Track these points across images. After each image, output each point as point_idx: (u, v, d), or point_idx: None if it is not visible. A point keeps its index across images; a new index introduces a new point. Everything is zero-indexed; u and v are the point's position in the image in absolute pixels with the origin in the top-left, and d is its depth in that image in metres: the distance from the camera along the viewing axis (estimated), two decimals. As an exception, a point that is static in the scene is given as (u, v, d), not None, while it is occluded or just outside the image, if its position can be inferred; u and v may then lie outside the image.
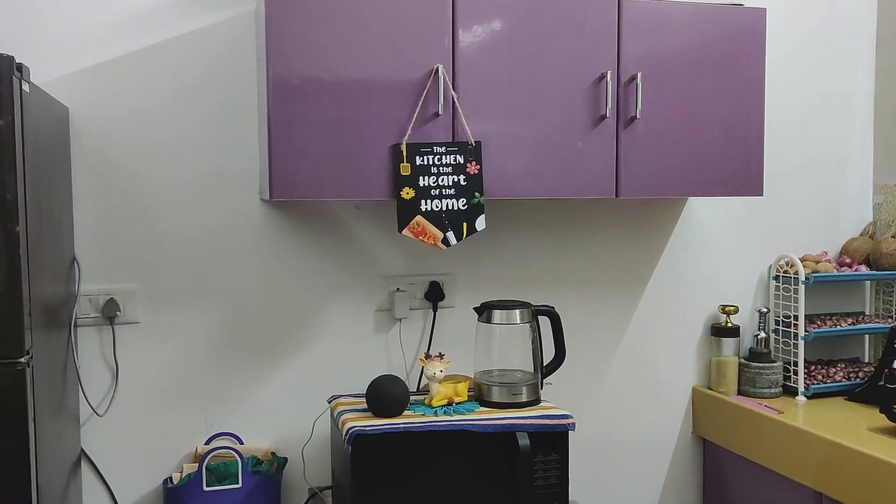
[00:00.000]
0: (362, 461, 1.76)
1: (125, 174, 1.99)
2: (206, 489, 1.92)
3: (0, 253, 1.38)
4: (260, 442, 2.11)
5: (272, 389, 2.11)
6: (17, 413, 1.40)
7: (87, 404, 1.97)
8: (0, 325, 1.39)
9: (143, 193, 2.00)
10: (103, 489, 2.01)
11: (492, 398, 1.93)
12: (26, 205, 1.44)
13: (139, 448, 2.03)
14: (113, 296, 1.99)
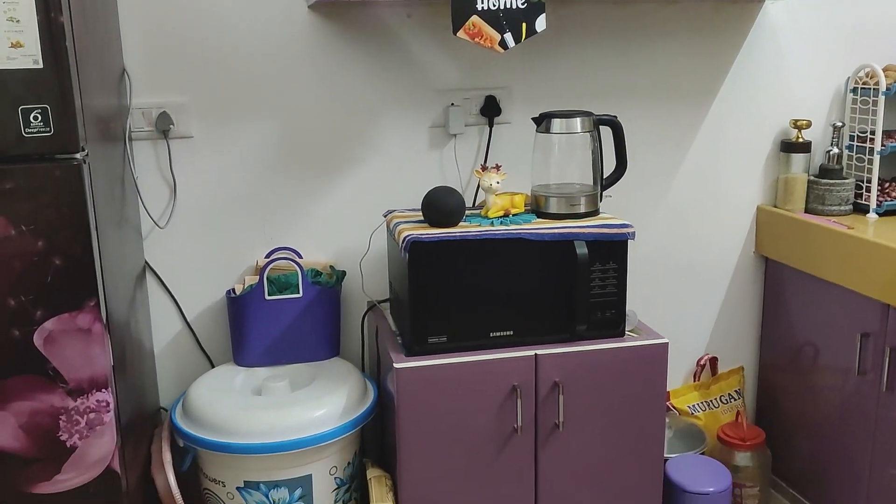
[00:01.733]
0: (419, 269, 1.76)
1: (168, -18, 1.91)
2: (268, 298, 1.97)
3: (44, 42, 1.34)
4: (318, 256, 2.14)
5: (328, 204, 2.11)
6: (78, 208, 1.41)
7: (148, 216, 2.00)
8: (54, 121, 1.37)
9: (190, 3, 1.93)
10: (169, 300, 2.07)
11: (549, 209, 1.89)
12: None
13: (201, 261, 2.07)
14: (165, 109, 1.96)
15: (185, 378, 2.11)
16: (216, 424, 1.78)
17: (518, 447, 1.83)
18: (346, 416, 1.84)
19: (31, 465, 1.48)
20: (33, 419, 1.46)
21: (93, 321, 1.45)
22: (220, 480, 1.82)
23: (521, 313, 1.82)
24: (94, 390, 1.48)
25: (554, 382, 1.81)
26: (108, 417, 1.49)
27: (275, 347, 2.01)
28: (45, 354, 1.44)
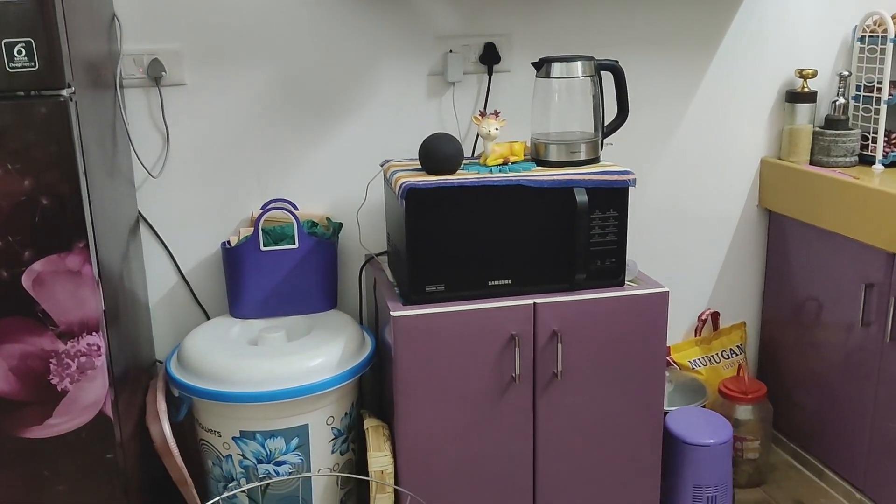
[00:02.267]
0: (416, 217, 1.72)
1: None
2: (264, 249, 1.94)
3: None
4: (314, 208, 2.11)
5: (324, 155, 2.07)
6: (64, 147, 1.38)
7: (141, 165, 1.97)
8: (39, 55, 1.34)
9: (179, -56, 1.89)
10: (163, 252, 2.05)
11: (549, 157, 1.85)
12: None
13: (195, 212, 2.04)
14: (157, 56, 1.92)
15: (180, 331, 2.09)
16: (211, 373, 1.76)
17: (516, 396, 1.81)
18: (344, 366, 1.82)
19: (22, 408, 1.46)
20: (24, 362, 1.44)
21: (82, 263, 1.42)
22: (216, 431, 1.81)
23: (519, 263, 1.79)
24: (85, 333, 1.46)
25: (553, 332, 1.79)
26: (99, 362, 1.47)
27: (271, 299, 1.99)
28: (34, 296, 1.42)
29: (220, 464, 1.83)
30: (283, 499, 1.83)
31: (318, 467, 1.84)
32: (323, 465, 1.85)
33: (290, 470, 1.81)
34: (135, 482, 1.65)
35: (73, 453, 1.50)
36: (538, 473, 1.86)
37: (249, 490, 1.81)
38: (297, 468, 1.82)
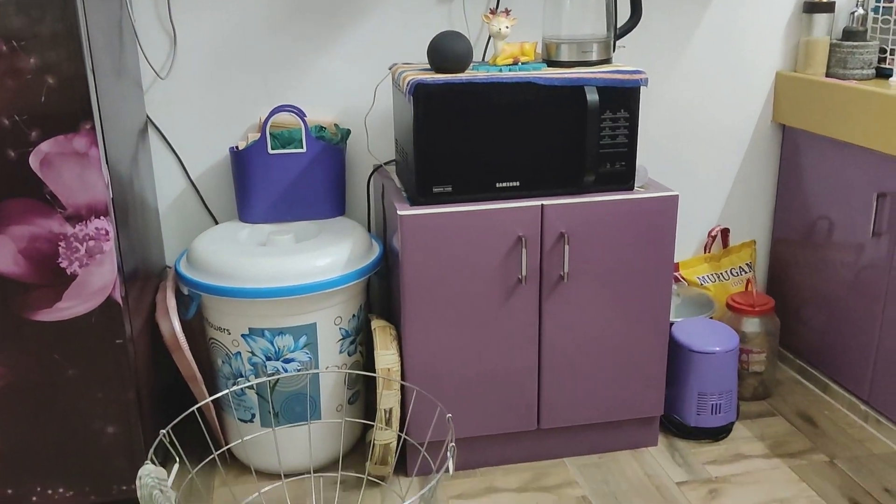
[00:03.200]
0: (424, 116, 1.71)
1: None
2: (272, 152, 1.94)
3: None
4: (322, 115, 2.09)
5: (333, 60, 2.05)
6: (69, 25, 1.37)
7: (149, 66, 1.96)
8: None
9: None
10: (172, 157, 2.05)
11: (560, 57, 1.83)
12: None
13: (203, 117, 2.03)
14: (163, -47, 1.90)
15: (190, 237, 2.10)
16: (221, 271, 1.77)
17: (522, 298, 1.81)
18: (352, 266, 1.83)
19: (31, 291, 1.48)
20: (32, 244, 1.45)
21: (89, 145, 1.42)
22: (225, 328, 1.83)
23: (528, 164, 1.78)
24: (93, 217, 1.46)
25: (560, 233, 1.78)
26: (107, 246, 1.48)
27: (279, 204, 1.99)
28: (41, 177, 1.42)
29: (229, 361, 1.85)
30: (292, 395, 1.85)
31: (325, 365, 1.86)
32: (331, 364, 1.86)
33: (299, 367, 1.83)
34: (144, 374, 1.67)
35: (83, 337, 1.52)
36: (543, 375, 1.88)
37: (258, 386, 1.83)
38: (305, 366, 1.84)
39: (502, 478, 1.91)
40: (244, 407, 1.87)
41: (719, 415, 2.02)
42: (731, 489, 1.86)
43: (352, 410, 1.96)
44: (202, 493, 1.85)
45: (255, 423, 1.88)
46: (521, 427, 1.90)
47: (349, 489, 1.87)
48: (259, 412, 1.86)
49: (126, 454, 1.60)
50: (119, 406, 1.57)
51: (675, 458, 1.98)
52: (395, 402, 1.77)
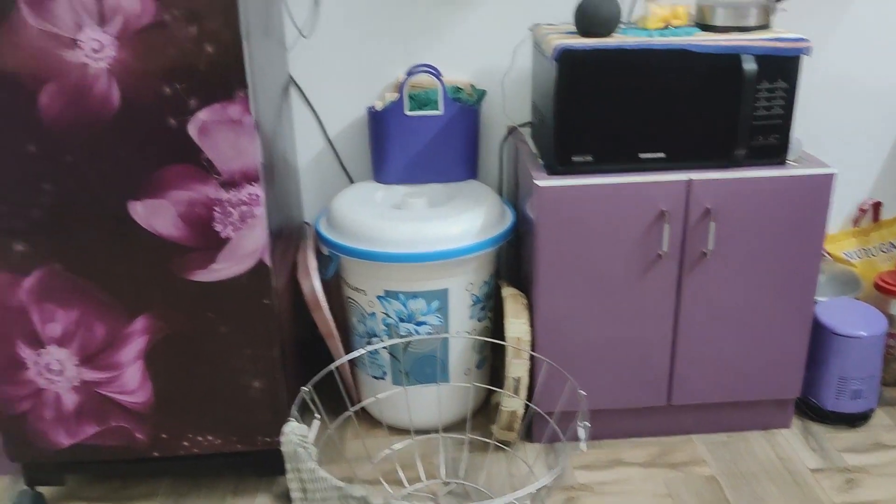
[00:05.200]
0: (568, 82, 1.66)
1: None
2: (408, 114, 1.93)
3: None
4: (458, 75, 2.07)
5: (471, 20, 2.01)
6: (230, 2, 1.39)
7: (293, 25, 1.98)
8: None
9: None
10: (312, 116, 2.08)
11: (715, 21, 1.73)
12: None
13: (342, 76, 2.04)
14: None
15: (327, 195, 2.15)
16: (359, 233, 1.80)
17: (661, 274, 1.76)
18: (485, 234, 1.83)
19: (189, 252, 1.55)
20: (190, 209, 1.51)
21: (243, 112, 1.46)
22: (362, 289, 1.87)
23: (675, 135, 1.71)
24: (246, 183, 1.51)
25: (705, 209, 1.72)
26: (259, 211, 1.53)
27: (413, 165, 2.00)
28: (199, 144, 1.47)
29: (364, 321, 1.90)
30: (422, 357, 1.89)
31: (455, 330, 1.88)
32: (461, 328, 1.88)
33: (430, 330, 1.86)
34: (287, 332, 1.74)
35: (234, 297, 1.58)
36: (677, 353, 1.84)
37: (391, 347, 1.88)
38: (437, 329, 1.86)
39: (629, 451, 1.90)
40: (377, 365, 1.92)
41: (859, 400, 1.93)
42: (869, 480, 1.79)
43: (479, 374, 1.98)
44: (337, 446, 1.93)
45: (386, 381, 1.93)
46: (652, 402, 1.88)
47: (475, 450, 1.91)
48: (391, 371, 1.91)
49: (270, 407, 1.68)
50: (265, 362, 1.64)
51: (810, 443, 1.92)
52: (523, 371, 1.78)
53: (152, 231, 1.53)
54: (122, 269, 1.55)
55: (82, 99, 1.43)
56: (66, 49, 1.40)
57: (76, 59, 1.40)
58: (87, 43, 1.40)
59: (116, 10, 1.38)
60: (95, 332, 1.59)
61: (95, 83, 1.42)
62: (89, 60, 1.41)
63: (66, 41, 1.39)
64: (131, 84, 1.42)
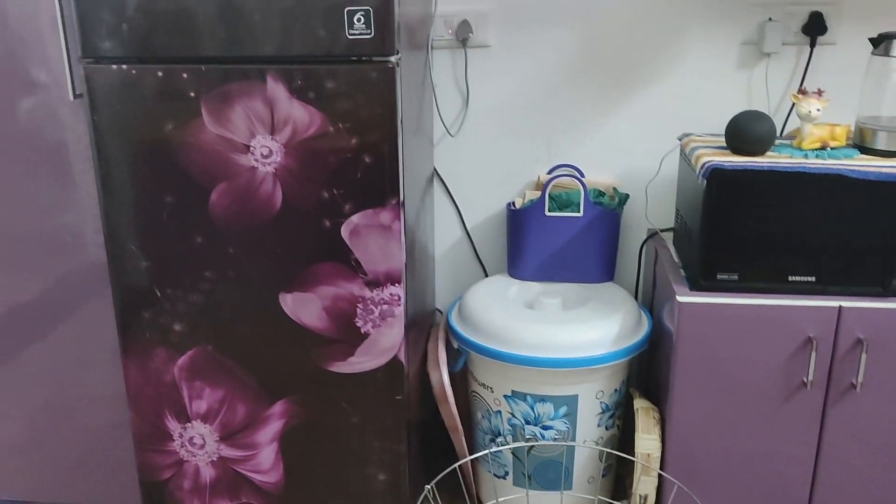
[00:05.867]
0: (716, 199, 1.63)
1: None
2: (548, 214, 1.95)
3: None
4: (601, 176, 2.08)
5: (618, 123, 2.03)
6: (388, 109, 1.47)
7: (441, 124, 2.05)
8: (375, 23, 1.42)
9: None
10: (452, 207, 2.14)
11: (877, 145, 1.66)
12: None
13: (485, 171, 2.10)
14: (466, 17, 1.97)
15: (459, 284, 2.19)
16: (490, 331, 1.82)
17: (804, 403, 1.68)
18: (619, 344, 1.80)
19: (330, 344, 1.61)
20: (335, 304, 1.58)
21: (393, 219, 1.52)
22: (489, 386, 1.88)
23: (826, 259, 1.64)
24: (389, 284, 1.56)
25: (857, 339, 1.63)
26: (398, 310, 1.58)
27: (549, 264, 2.01)
28: (349, 246, 1.54)
29: (489, 417, 1.91)
30: (546, 462, 1.87)
31: (583, 437, 1.85)
32: (588, 436, 1.86)
33: (556, 436, 1.84)
34: (415, 426, 1.77)
35: (368, 390, 1.63)
36: (817, 486, 1.73)
37: (515, 448, 1.87)
38: (563, 435, 1.84)
39: (758, 585, 1.79)
40: (499, 464, 1.92)
41: None
42: None
43: (603, 483, 1.94)
44: (452, 539, 1.92)
45: (507, 482, 1.92)
46: (786, 536, 1.77)
47: (593, 563, 1.86)
48: (513, 472, 1.90)
49: (393, 501, 1.70)
50: (392, 455, 1.68)
51: None
52: (651, 488, 1.72)
53: (298, 322, 1.61)
54: (267, 354, 1.64)
55: (248, 198, 1.54)
56: (239, 153, 1.51)
57: (247, 162, 1.52)
58: (258, 149, 1.51)
59: (287, 121, 1.48)
60: (237, 411, 1.68)
61: (262, 185, 1.53)
62: (258, 164, 1.51)
63: (240, 146, 1.51)
64: (293, 187, 1.52)
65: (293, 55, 1.46)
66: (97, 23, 1.48)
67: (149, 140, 1.53)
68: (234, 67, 1.48)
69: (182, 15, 1.46)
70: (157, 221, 1.58)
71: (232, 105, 1.49)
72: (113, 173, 1.57)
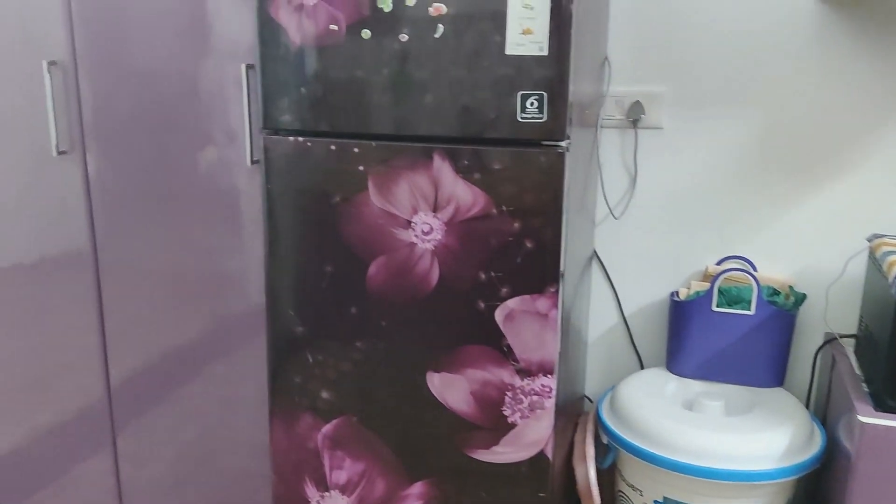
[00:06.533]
0: (913, 312, 1.46)
1: (663, -33, 1.85)
2: (716, 309, 1.83)
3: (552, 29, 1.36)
4: (776, 272, 1.92)
5: (798, 217, 1.88)
6: (554, 195, 1.43)
7: (605, 205, 1.99)
8: (548, 108, 1.39)
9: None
10: (609, 292, 2.05)
11: None
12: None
13: (648, 257, 2.00)
14: (639, 98, 1.91)
15: (611, 372, 2.09)
16: (644, 431, 1.71)
17: None
18: (788, 459, 1.63)
19: (474, 430, 1.56)
20: (483, 389, 1.53)
21: (550, 307, 1.46)
22: (639, 488, 1.76)
23: None
24: (541, 374, 1.50)
25: None
26: (549, 403, 1.51)
27: (713, 363, 1.87)
28: (503, 330, 1.50)
29: (635, 523, 1.78)
30: (696, 581, 1.71)
31: (739, 559, 1.68)
32: (745, 558, 1.68)
33: (710, 554, 1.69)
34: (554, 520, 1.67)
35: (511, 483, 1.56)
36: None
37: (661, 560, 1.73)
38: (717, 554, 1.68)
39: None
40: (643, 574, 1.78)
41: None
42: None
43: None
44: None
45: None
46: None
47: None
48: (658, 585, 1.75)
49: None
50: (528, 554, 1.59)
51: None
52: None
53: (444, 403, 1.57)
54: (410, 432, 1.61)
55: (405, 274, 1.53)
56: (400, 228, 1.52)
57: (407, 238, 1.51)
58: (419, 225, 1.50)
59: (450, 200, 1.47)
60: (376, 487, 1.66)
61: (419, 261, 1.52)
62: (418, 241, 1.51)
63: (402, 221, 1.51)
64: (451, 266, 1.50)
65: (462, 136, 1.46)
66: (279, 98, 1.54)
67: (316, 209, 1.57)
68: (403, 144, 1.49)
69: (357, 93, 1.49)
70: (315, 289, 1.61)
71: (397, 180, 1.50)
72: (280, 238, 1.61)
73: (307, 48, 1.51)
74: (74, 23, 1.79)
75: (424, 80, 1.45)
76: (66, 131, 1.85)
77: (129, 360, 1.95)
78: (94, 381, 2.00)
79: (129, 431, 2.00)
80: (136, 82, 1.77)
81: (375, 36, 1.46)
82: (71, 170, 1.87)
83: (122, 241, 1.88)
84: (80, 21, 1.78)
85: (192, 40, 1.71)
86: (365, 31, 1.47)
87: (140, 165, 1.82)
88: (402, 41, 1.45)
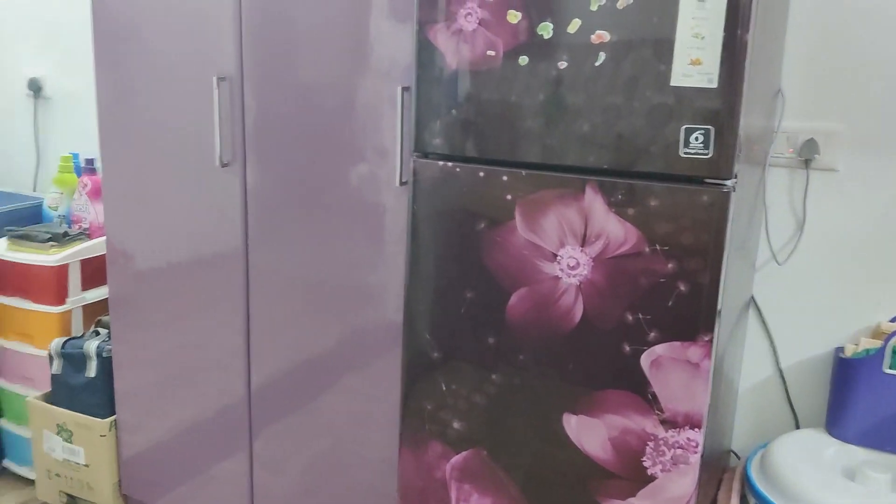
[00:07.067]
0: None
1: (845, 2, 1.70)
2: (888, 371, 1.65)
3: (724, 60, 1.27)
4: (964, 336, 1.72)
5: None
6: (715, 237, 1.33)
7: (769, 248, 1.84)
8: (714, 144, 1.30)
9: (862, 23, 1.69)
10: (766, 341, 1.90)
11: None
12: (755, 15, 1.29)
13: (811, 307, 1.84)
14: (813, 136, 1.77)
15: (762, 427, 1.93)
16: (798, 497, 1.55)
17: None
18: (969, 551, 1.44)
19: (609, 478, 1.48)
20: (622, 437, 1.45)
21: (703, 357, 1.36)
22: (786, 561, 1.60)
23: None
24: (687, 427, 1.40)
25: None
26: (693, 458, 1.40)
27: (881, 429, 1.69)
28: (648, 377, 1.41)
29: None
30: None
31: None
32: None
33: None
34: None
35: (644, 539, 1.46)
36: None
37: None
38: None
39: None
40: None
41: None
42: None
43: None
44: None
45: None
46: None
47: None
48: None
49: None
50: None
51: None
52: None
53: (580, 447, 1.49)
54: (542, 474, 1.54)
55: (547, 308, 1.47)
56: (546, 261, 1.46)
57: (552, 271, 1.46)
58: (565, 259, 1.44)
59: (600, 235, 1.40)
60: (501, 525, 1.60)
61: (563, 297, 1.45)
62: (563, 275, 1.45)
63: (547, 254, 1.46)
64: (596, 304, 1.43)
65: (615, 168, 1.39)
66: (431, 122, 1.53)
67: (460, 234, 1.54)
68: (554, 175, 1.44)
69: (509, 119, 1.46)
70: (454, 315, 1.58)
71: (546, 212, 1.45)
72: (421, 259, 1.60)
73: (461, 73, 1.49)
74: (244, 38, 1.86)
75: (579, 107, 1.39)
76: (230, 143, 1.93)
77: (271, 364, 2.00)
78: (236, 382, 2.07)
79: (265, 436, 2.05)
80: (296, 97, 1.82)
81: (532, 62, 1.42)
82: (231, 180, 1.95)
83: (273, 248, 1.93)
84: (248, 36, 1.85)
85: (352, 58, 1.73)
86: (523, 57, 1.43)
87: (294, 177, 1.86)
88: (559, 68, 1.40)
